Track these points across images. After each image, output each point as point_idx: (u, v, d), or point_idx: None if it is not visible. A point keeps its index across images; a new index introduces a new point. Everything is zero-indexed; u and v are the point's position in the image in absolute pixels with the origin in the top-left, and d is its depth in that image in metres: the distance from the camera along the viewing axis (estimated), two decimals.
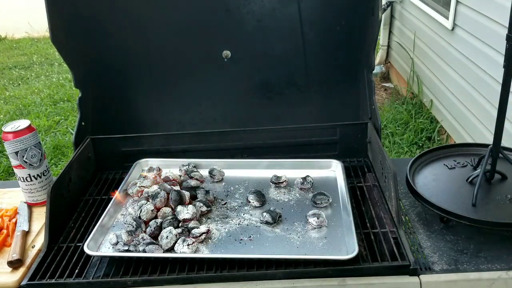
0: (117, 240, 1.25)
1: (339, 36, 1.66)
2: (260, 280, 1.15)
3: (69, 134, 4.59)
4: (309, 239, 1.26)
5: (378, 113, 1.61)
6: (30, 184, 1.50)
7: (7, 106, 5.43)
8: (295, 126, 1.70)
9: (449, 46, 3.89)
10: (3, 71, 6.80)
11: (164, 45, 1.69)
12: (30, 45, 8.10)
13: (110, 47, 1.69)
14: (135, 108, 1.79)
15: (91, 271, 1.21)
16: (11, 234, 1.37)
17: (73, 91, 5.60)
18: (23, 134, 1.44)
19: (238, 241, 1.27)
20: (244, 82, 1.75)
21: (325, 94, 1.75)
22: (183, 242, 1.22)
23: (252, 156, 1.68)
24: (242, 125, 1.71)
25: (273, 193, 1.49)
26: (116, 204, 1.43)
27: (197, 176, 1.54)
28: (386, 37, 5.65)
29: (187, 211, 1.32)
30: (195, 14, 1.64)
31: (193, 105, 1.77)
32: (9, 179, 3.91)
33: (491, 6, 3.12)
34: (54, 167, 3.97)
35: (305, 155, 1.68)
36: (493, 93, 3.12)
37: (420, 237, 1.28)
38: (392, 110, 4.69)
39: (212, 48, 1.67)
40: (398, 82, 5.30)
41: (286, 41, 1.68)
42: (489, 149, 1.38)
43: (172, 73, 1.73)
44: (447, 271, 1.17)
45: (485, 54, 3.23)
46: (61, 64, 6.77)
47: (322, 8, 1.64)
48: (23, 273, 1.22)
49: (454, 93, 3.84)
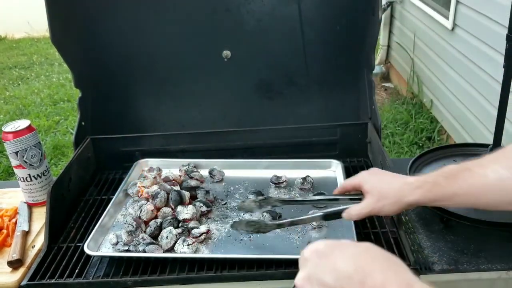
0: (117, 240, 1.26)
1: (339, 36, 1.66)
2: (260, 280, 1.15)
3: (69, 134, 4.59)
4: (309, 239, 1.26)
5: (378, 113, 1.61)
6: (30, 184, 1.50)
7: (7, 106, 5.43)
8: (295, 126, 1.70)
9: (449, 46, 3.89)
10: (3, 71, 6.79)
11: (164, 45, 1.69)
12: (30, 45, 8.09)
13: (110, 47, 1.69)
14: (135, 108, 1.79)
15: (91, 271, 1.21)
16: (11, 234, 1.37)
17: (73, 91, 5.59)
18: (23, 134, 1.44)
19: (238, 241, 1.27)
20: (244, 82, 1.75)
21: (325, 94, 1.75)
22: (183, 242, 1.22)
23: (252, 156, 1.68)
24: (242, 125, 1.71)
25: (273, 193, 1.49)
26: (116, 204, 1.43)
27: (197, 176, 1.54)
28: (386, 37, 5.65)
29: (187, 211, 1.32)
30: (195, 14, 1.64)
31: (193, 105, 1.77)
32: (9, 179, 3.90)
33: (491, 6, 3.12)
34: (54, 167, 3.97)
35: (305, 155, 1.67)
36: (493, 93, 3.11)
37: (420, 237, 1.28)
38: (392, 110, 4.69)
39: (212, 48, 1.67)
40: (398, 82, 5.30)
41: (286, 41, 1.68)
42: (489, 149, 1.38)
43: (172, 73, 1.73)
44: (447, 271, 1.17)
45: (485, 54, 3.23)
46: (61, 64, 6.76)
47: (322, 8, 1.64)
48: (23, 273, 1.22)
49: (454, 93, 3.84)
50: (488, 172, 0.82)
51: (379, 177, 1.03)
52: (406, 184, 0.96)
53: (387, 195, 0.98)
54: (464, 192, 0.86)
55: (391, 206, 0.98)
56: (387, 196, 0.98)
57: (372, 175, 1.06)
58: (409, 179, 0.96)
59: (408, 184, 0.95)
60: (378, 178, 1.02)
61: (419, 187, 0.93)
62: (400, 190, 0.96)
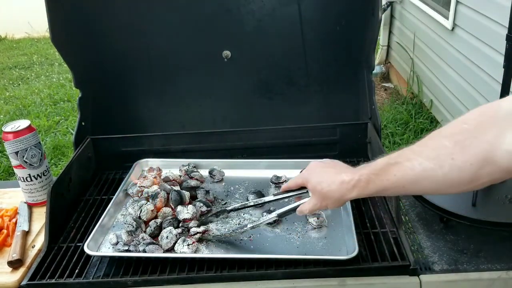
0: (117, 240, 1.25)
1: (339, 36, 1.66)
2: (260, 280, 1.15)
3: (69, 134, 4.59)
4: (309, 239, 1.26)
5: (378, 113, 1.61)
6: (30, 184, 1.50)
7: (7, 106, 5.43)
8: (295, 126, 1.70)
9: (449, 46, 3.89)
10: (3, 71, 6.80)
11: (164, 45, 1.69)
12: (30, 45, 8.10)
13: (110, 47, 1.69)
14: (135, 108, 1.79)
15: (91, 271, 1.21)
16: (11, 234, 1.37)
17: (73, 91, 5.60)
18: (23, 134, 1.44)
19: (238, 241, 1.27)
20: (244, 82, 1.75)
21: (325, 94, 1.75)
22: (183, 242, 1.22)
23: (252, 156, 1.68)
24: (242, 125, 1.71)
25: (273, 193, 1.49)
26: (116, 204, 1.43)
27: (197, 176, 1.54)
28: (386, 37, 5.65)
29: (187, 211, 1.32)
30: (195, 14, 1.64)
31: (193, 105, 1.77)
32: (9, 179, 3.91)
33: (491, 6, 3.12)
34: (54, 167, 3.97)
35: (305, 155, 1.67)
36: (493, 93, 3.11)
37: (420, 237, 1.28)
38: (392, 110, 4.69)
39: (212, 48, 1.67)
40: (398, 82, 5.30)
41: (286, 41, 1.68)
42: None
43: (172, 73, 1.73)
44: (447, 271, 1.17)
45: (485, 54, 3.23)
46: (61, 64, 6.77)
47: (322, 8, 1.64)
48: (23, 273, 1.22)
49: (454, 93, 3.84)
50: (415, 164, 0.89)
51: (319, 177, 1.10)
52: (343, 184, 1.02)
53: (328, 196, 1.07)
54: (395, 185, 0.93)
55: (334, 204, 1.08)
56: (328, 196, 1.07)
57: (312, 174, 1.13)
58: (345, 178, 1.03)
59: (345, 184, 1.02)
60: (317, 179, 1.10)
61: (355, 186, 1.00)
62: (338, 190, 1.04)
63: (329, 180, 1.06)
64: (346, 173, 1.04)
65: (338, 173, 1.06)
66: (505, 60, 1.29)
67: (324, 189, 1.07)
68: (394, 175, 0.92)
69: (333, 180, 1.05)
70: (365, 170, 1.00)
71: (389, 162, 0.94)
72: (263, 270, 1.17)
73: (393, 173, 0.93)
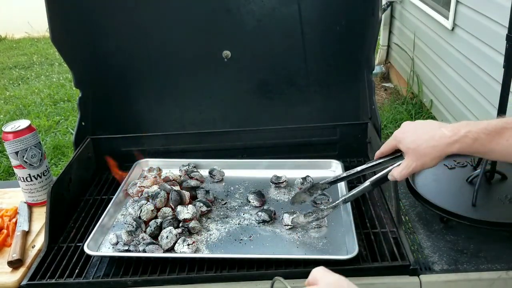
0: (117, 240, 1.26)
1: (339, 36, 1.66)
2: (260, 280, 1.15)
3: (69, 134, 4.59)
4: (309, 239, 1.26)
5: (378, 113, 1.61)
6: (30, 184, 1.50)
7: (7, 106, 5.43)
8: (295, 126, 1.70)
9: (449, 46, 3.89)
10: (3, 71, 6.80)
11: (164, 45, 1.69)
12: (30, 45, 8.09)
13: (110, 47, 1.69)
14: (135, 108, 1.79)
15: (91, 271, 1.21)
16: (11, 234, 1.38)
17: (73, 91, 5.60)
18: (23, 134, 1.44)
19: (238, 241, 1.27)
20: (244, 82, 1.75)
21: (325, 94, 1.75)
22: (183, 242, 1.22)
23: (252, 156, 1.68)
24: (242, 125, 1.71)
25: (273, 193, 1.49)
26: (116, 204, 1.43)
27: (197, 176, 1.54)
28: (386, 37, 5.65)
29: (187, 211, 1.32)
30: (195, 14, 1.64)
31: (193, 105, 1.77)
32: (9, 179, 3.90)
33: (491, 6, 3.12)
34: (54, 167, 3.97)
35: (305, 155, 1.68)
36: (493, 93, 3.11)
37: (420, 237, 1.28)
38: (392, 110, 4.69)
39: (212, 48, 1.67)
40: (398, 82, 5.30)
41: (286, 41, 1.68)
42: None
43: (172, 73, 1.73)
44: (447, 271, 1.17)
45: (485, 54, 3.23)
46: (61, 64, 6.76)
47: (322, 8, 1.64)
48: (23, 273, 1.22)
49: (454, 93, 3.84)
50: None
51: (413, 135, 1.01)
52: (444, 138, 0.95)
53: (425, 153, 0.98)
54: (505, 150, 0.88)
55: (432, 162, 0.99)
56: (425, 154, 0.98)
57: (406, 133, 1.04)
58: (446, 132, 0.95)
59: (446, 138, 0.95)
60: (412, 137, 1.01)
61: (457, 141, 0.93)
62: (437, 146, 0.96)
63: (426, 135, 0.98)
64: (447, 128, 0.96)
65: (437, 128, 0.98)
66: (505, 60, 1.29)
67: (421, 146, 0.98)
68: (506, 140, 0.87)
69: (431, 135, 0.97)
70: (471, 127, 0.93)
71: (505, 126, 0.88)
72: (263, 270, 1.17)
73: (505, 138, 0.87)
